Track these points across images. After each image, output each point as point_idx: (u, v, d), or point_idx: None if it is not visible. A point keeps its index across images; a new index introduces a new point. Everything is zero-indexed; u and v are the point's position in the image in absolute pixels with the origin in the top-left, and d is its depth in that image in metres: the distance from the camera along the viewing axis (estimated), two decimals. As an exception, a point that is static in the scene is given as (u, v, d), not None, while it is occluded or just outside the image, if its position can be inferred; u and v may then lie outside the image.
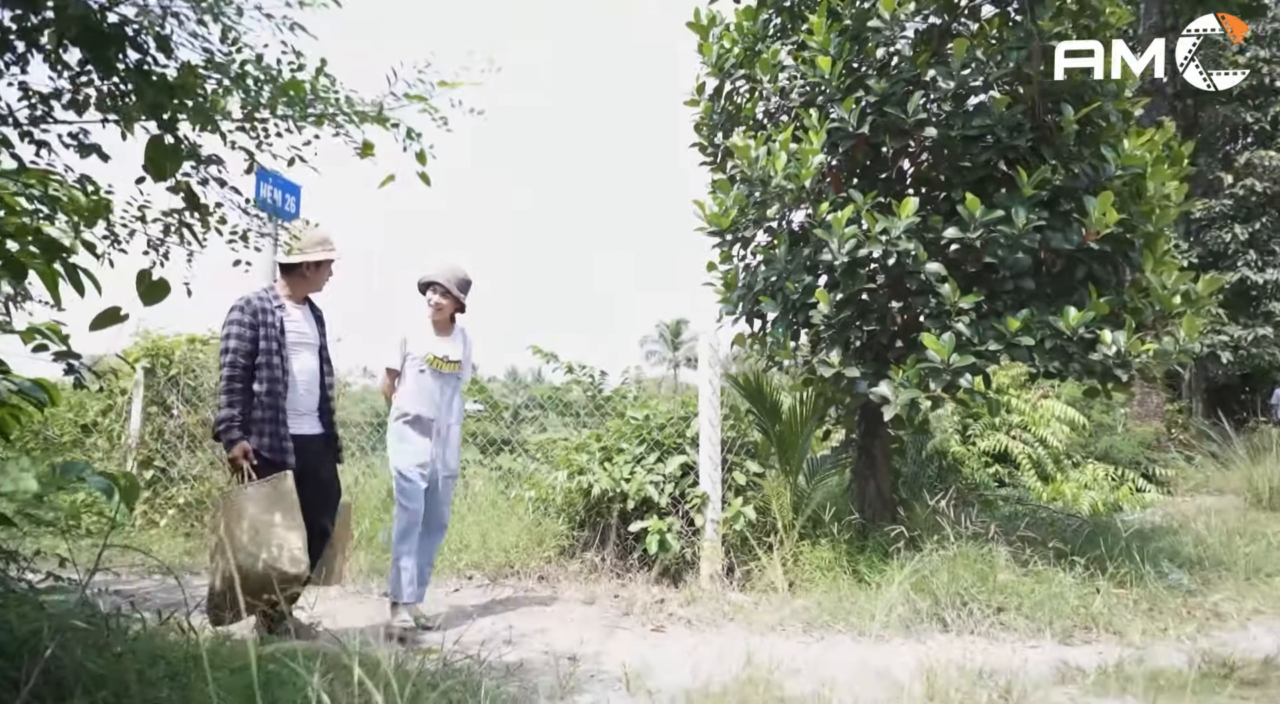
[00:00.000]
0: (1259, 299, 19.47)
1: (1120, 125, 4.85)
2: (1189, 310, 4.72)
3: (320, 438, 3.86)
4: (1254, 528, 6.59)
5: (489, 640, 3.65)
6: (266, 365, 3.56)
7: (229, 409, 3.52)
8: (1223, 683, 3.16)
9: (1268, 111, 20.08)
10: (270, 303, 3.72)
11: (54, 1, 1.89)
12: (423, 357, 4.28)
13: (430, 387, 4.28)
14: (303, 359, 3.77)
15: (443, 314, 4.36)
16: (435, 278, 4.30)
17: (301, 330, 3.81)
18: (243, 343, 3.55)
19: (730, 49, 5.47)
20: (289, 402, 3.64)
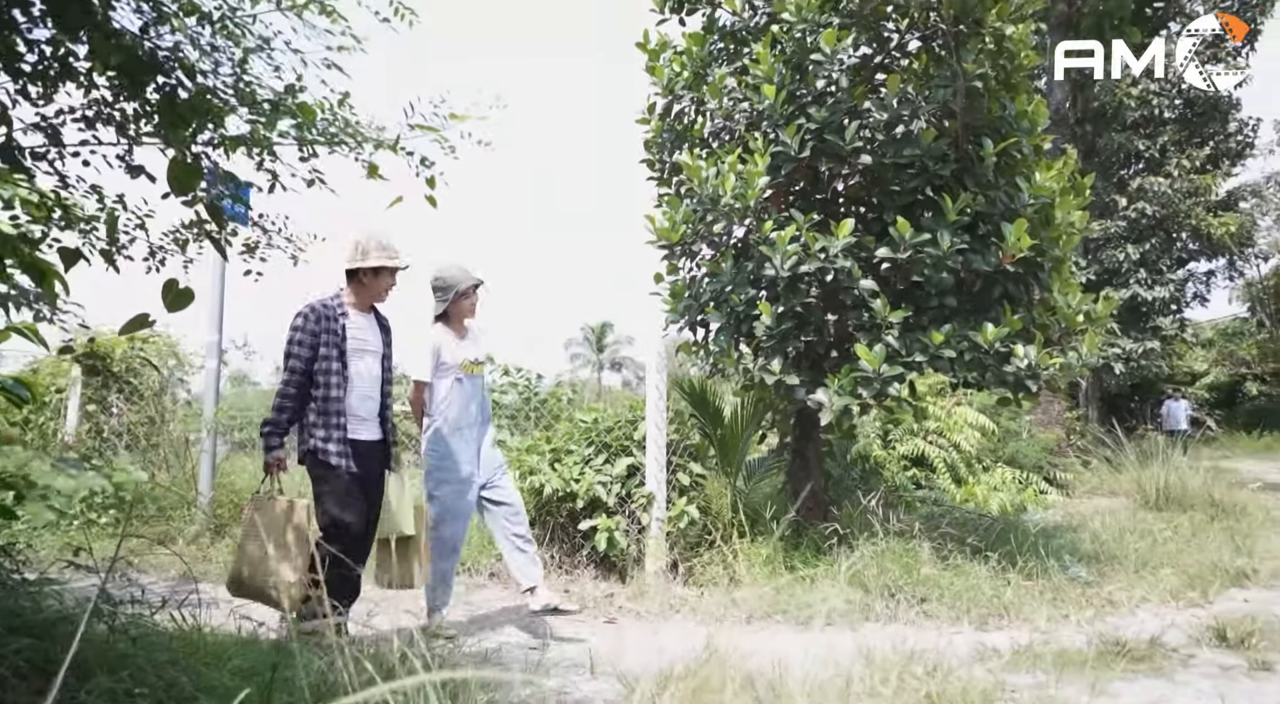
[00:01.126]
0: (1148, 315, 20.92)
1: (1032, 158, 5.33)
2: (1090, 327, 5.23)
3: (380, 444, 3.86)
4: (1142, 526, 7.23)
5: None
6: (327, 371, 3.58)
7: (276, 414, 3.56)
8: (1116, 659, 3.58)
9: (1157, 140, 21.59)
10: (335, 310, 3.71)
11: (97, 30, 2.01)
12: (459, 365, 4.25)
13: (467, 393, 4.26)
14: (364, 366, 3.76)
15: (475, 314, 4.39)
16: (474, 280, 4.30)
17: (364, 337, 3.79)
18: (303, 350, 3.57)
19: (680, 72, 5.76)
20: (349, 406, 3.66)
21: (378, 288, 3.81)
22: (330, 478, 3.58)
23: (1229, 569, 5.47)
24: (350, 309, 3.77)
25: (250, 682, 2.46)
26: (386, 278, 3.80)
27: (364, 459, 3.70)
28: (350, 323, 3.72)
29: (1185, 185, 21.04)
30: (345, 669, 2.77)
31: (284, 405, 3.56)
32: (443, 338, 4.28)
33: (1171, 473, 9.04)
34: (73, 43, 2.11)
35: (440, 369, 4.22)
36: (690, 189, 5.31)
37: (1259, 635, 3.85)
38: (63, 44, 2.16)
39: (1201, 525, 7.29)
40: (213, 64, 2.26)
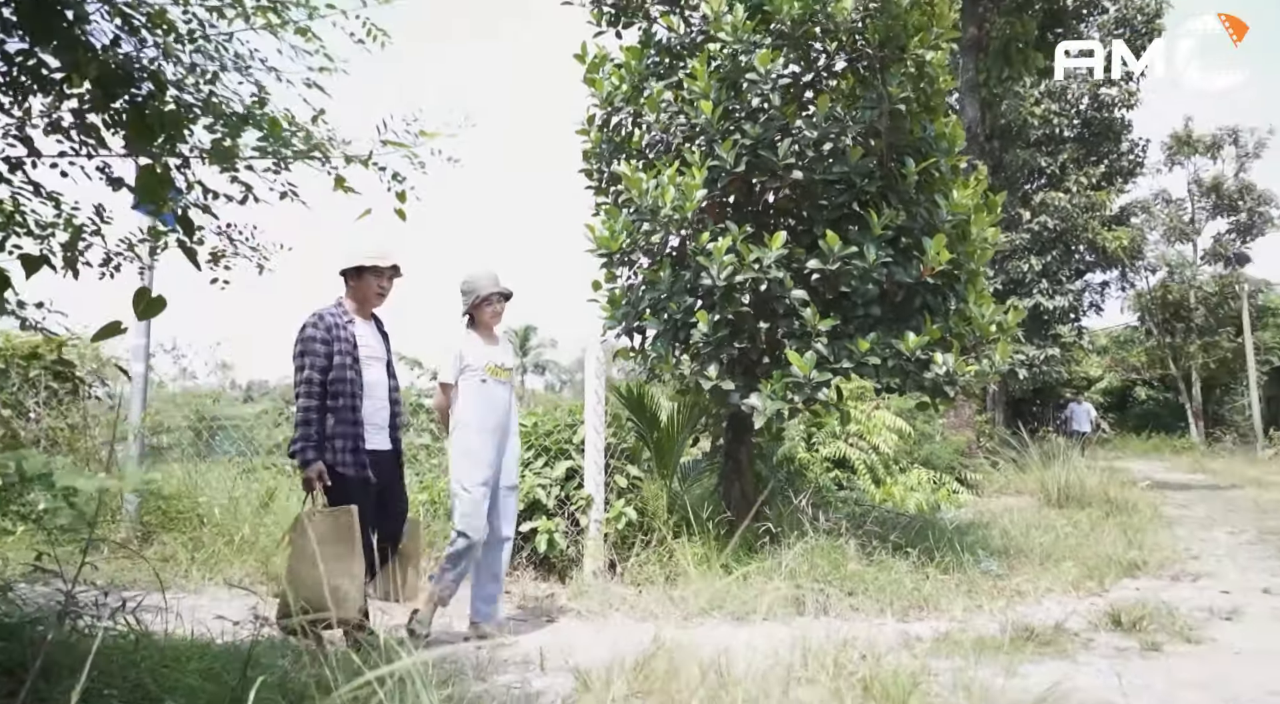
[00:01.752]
0: (1049, 323, 22.08)
1: (950, 177, 5.67)
2: (1001, 336, 5.60)
3: (391, 453, 3.81)
4: (1046, 522, 7.73)
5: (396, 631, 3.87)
6: (341, 380, 3.50)
7: (304, 427, 3.44)
8: (1026, 644, 3.88)
9: (1058, 158, 22.83)
10: (340, 318, 3.64)
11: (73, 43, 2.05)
12: (483, 367, 4.22)
13: (492, 396, 4.23)
14: (373, 374, 3.69)
15: (500, 322, 4.41)
16: (500, 288, 4.30)
17: (370, 345, 3.73)
18: (318, 360, 3.49)
19: (619, 86, 5.91)
20: (365, 416, 3.59)
21: (365, 290, 3.70)
22: (348, 489, 3.49)
23: (1122, 561, 5.92)
24: (354, 316, 3.70)
25: (213, 682, 2.50)
26: (372, 280, 3.69)
27: (378, 468, 3.63)
28: (357, 330, 3.65)
29: (1083, 201, 22.30)
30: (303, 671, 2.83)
31: (309, 418, 3.45)
32: (468, 341, 4.28)
33: (1071, 473, 9.66)
34: (45, 54, 2.13)
35: (464, 372, 4.20)
36: (629, 199, 5.47)
37: (1149, 620, 4.22)
38: (34, 55, 2.18)
39: (1098, 521, 7.83)
40: (183, 77, 2.30)
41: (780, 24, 5.42)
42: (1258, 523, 8.51)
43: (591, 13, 6.59)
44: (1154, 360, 29.65)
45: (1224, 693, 3.16)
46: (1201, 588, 5.29)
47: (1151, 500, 9.94)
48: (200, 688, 2.40)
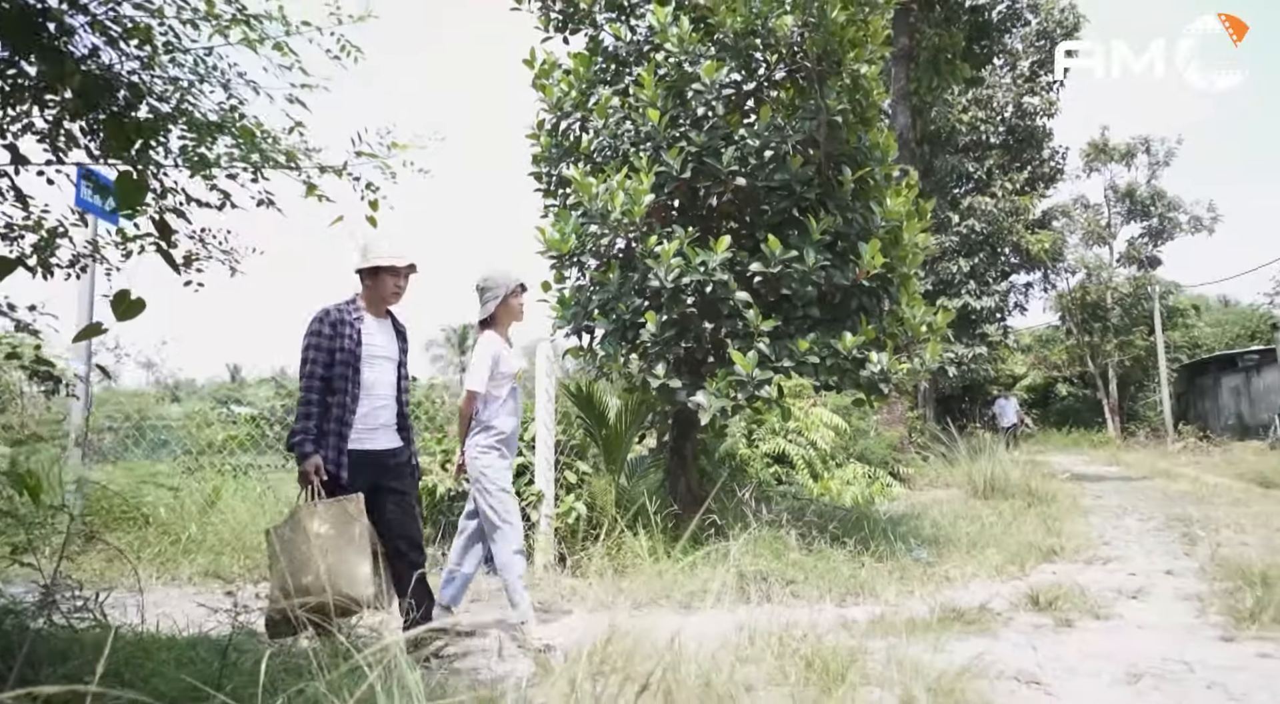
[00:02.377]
0: (977, 322, 22.95)
1: (884, 185, 5.97)
2: (932, 336, 5.92)
3: (396, 452, 3.72)
4: (972, 513, 8.13)
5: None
6: (342, 377, 3.49)
7: (303, 421, 3.43)
8: (953, 623, 4.16)
9: (985, 163, 23.75)
10: (349, 315, 3.60)
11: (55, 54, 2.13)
12: (512, 374, 4.17)
13: (510, 403, 4.19)
14: (379, 372, 3.64)
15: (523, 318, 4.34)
16: (522, 279, 4.25)
17: (378, 343, 3.67)
18: (320, 354, 3.48)
19: (568, 92, 6.06)
20: (362, 416, 3.55)
21: (382, 290, 3.66)
22: (328, 487, 3.44)
23: (1041, 547, 6.31)
24: (365, 314, 3.66)
25: (186, 669, 2.58)
26: (389, 279, 3.64)
27: (375, 468, 3.58)
28: (365, 328, 3.61)
29: (1008, 205, 23.25)
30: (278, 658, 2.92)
31: (310, 411, 3.44)
32: (499, 346, 4.20)
33: (996, 466, 10.13)
34: (27, 64, 2.19)
35: (498, 379, 4.13)
36: (579, 203, 5.62)
37: (1063, 600, 4.55)
38: (15, 64, 2.24)
39: (1020, 511, 8.27)
40: (161, 88, 2.38)
41: (724, 36, 5.65)
42: (1165, 511, 9.08)
43: (539, 18, 6.73)
44: (1074, 358, 30.98)
45: (1126, 662, 3.48)
46: (1112, 571, 5.69)
47: (1070, 491, 10.52)
48: (174, 676, 2.49)
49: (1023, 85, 23.49)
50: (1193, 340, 30.77)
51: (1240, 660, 3.49)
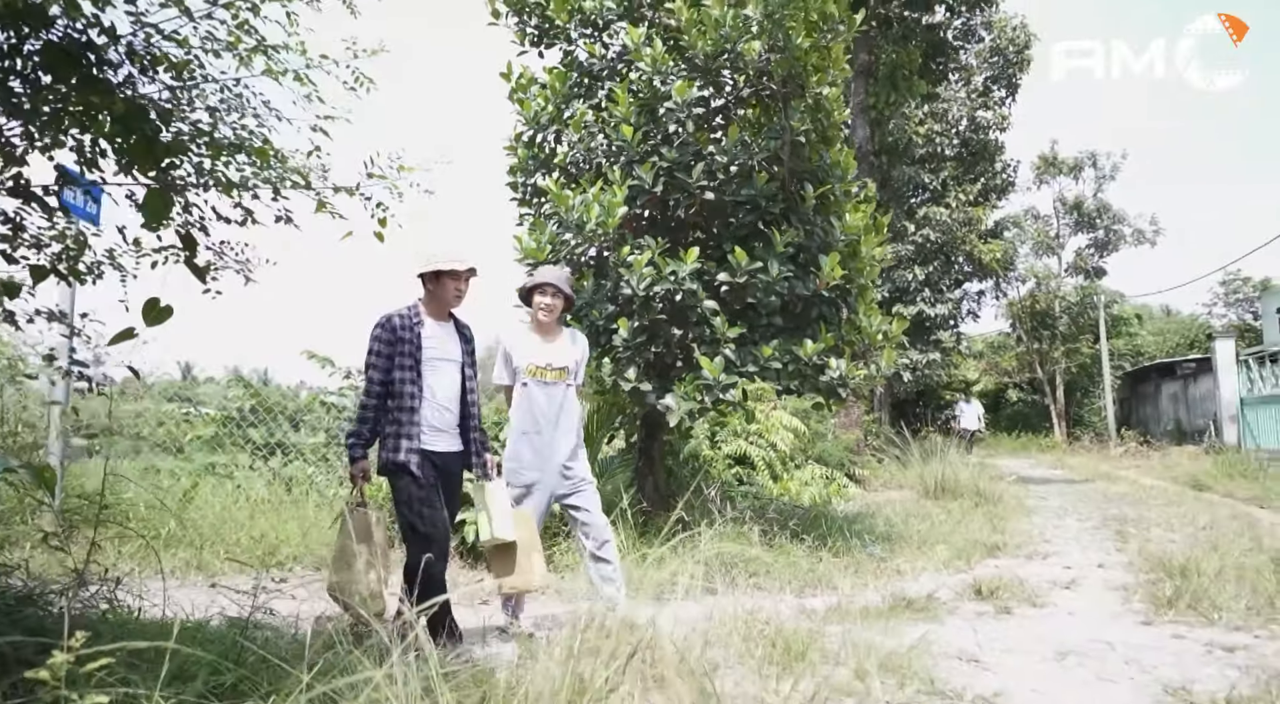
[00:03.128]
0: (931, 329, 23.62)
1: (843, 200, 6.33)
2: (887, 344, 6.29)
3: (458, 455, 3.76)
4: (923, 512, 8.55)
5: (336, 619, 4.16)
6: (402, 381, 3.54)
7: (358, 425, 3.53)
8: (903, 611, 4.50)
9: (940, 174, 24.44)
10: (410, 320, 3.64)
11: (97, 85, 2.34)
12: (524, 367, 4.15)
13: (535, 398, 4.15)
14: (441, 375, 3.66)
15: (554, 317, 4.24)
16: (547, 279, 4.20)
17: (441, 346, 3.69)
18: (379, 360, 3.55)
19: (545, 107, 6.31)
20: (424, 418, 3.58)
21: (444, 294, 3.68)
22: (405, 486, 3.53)
23: (987, 543, 6.72)
24: (426, 318, 3.69)
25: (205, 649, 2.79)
26: (450, 283, 3.65)
27: (440, 470, 3.63)
28: (426, 332, 3.64)
29: (961, 215, 23.97)
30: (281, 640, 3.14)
31: (365, 416, 3.53)
32: (515, 340, 4.24)
33: (946, 468, 10.60)
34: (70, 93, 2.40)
35: (515, 373, 4.17)
36: (556, 213, 5.88)
37: (1003, 590, 4.92)
38: (58, 91, 2.45)
39: (968, 511, 8.71)
40: (187, 116, 2.60)
41: (694, 57, 5.95)
42: (1102, 511, 9.60)
43: (515, 33, 6.97)
44: (1023, 364, 31.95)
45: (1056, 642, 3.84)
46: (1050, 564, 6.09)
47: (1016, 493, 11.03)
48: (191, 655, 2.70)
49: (976, 100, 24.22)
50: (1135, 348, 31.90)
51: (1156, 641, 3.87)
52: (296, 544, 5.75)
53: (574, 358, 4.26)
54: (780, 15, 5.62)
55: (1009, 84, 23.93)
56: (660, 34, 6.22)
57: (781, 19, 5.64)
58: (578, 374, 4.31)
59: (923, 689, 3.13)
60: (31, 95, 2.40)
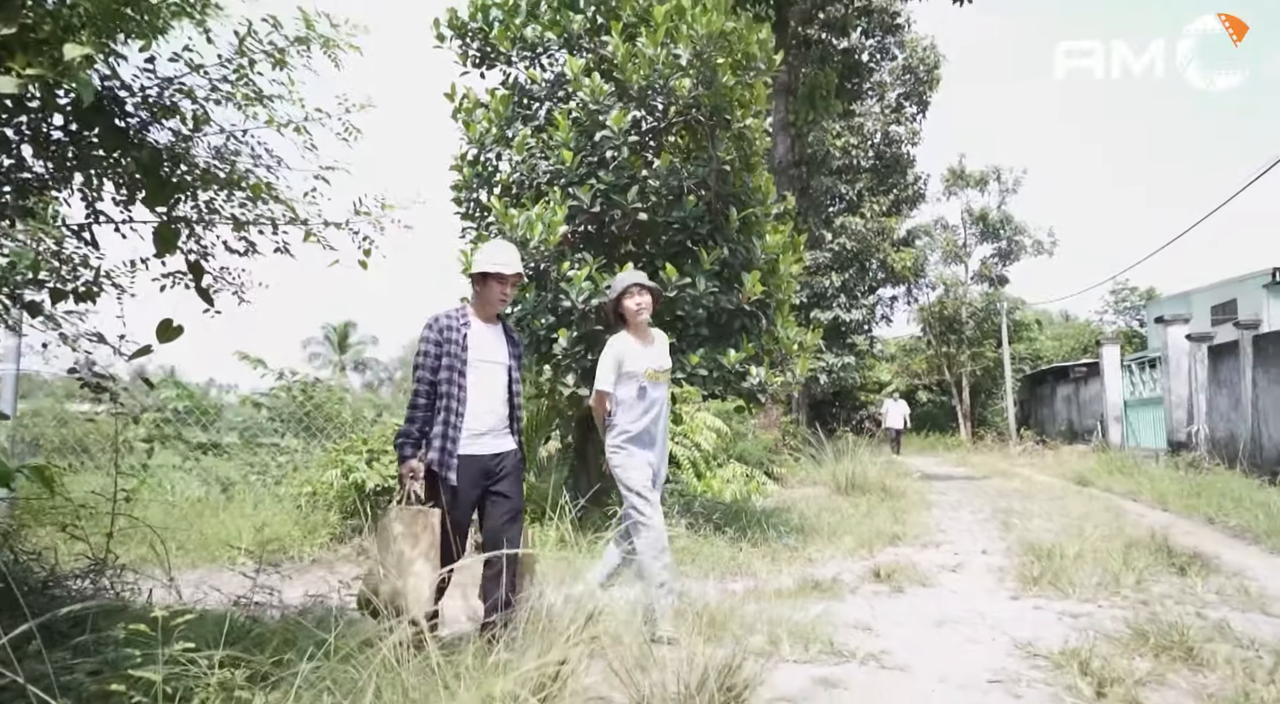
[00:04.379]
0: (846, 333, 24.72)
1: (764, 222, 6.94)
2: (802, 353, 6.93)
3: (503, 456, 3.71)
4: (834, 507, 9.27)
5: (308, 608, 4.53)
6: (448, 381, 3.56)
7: (406, 424, 3.55)
8: (811, 592, 5.11)
9: (855, 186, 25.59)
10: (457, 321, 3.67)
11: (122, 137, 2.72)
12: (642, 372, 4.19)
13: (650, 399, 4.21)
14: (485, 377, 3.67)
15: (648, 316, 4.28)
16: (639, 280, 4.23)
17: (487, 348, 3.70)
18: (427, 360, 3.59)
19: (489, 129, 6.74)
20: (469, 420, 3.58)
21: (489, 295, 3.71)
22: (438, 489, 3.53)
23: (888, 534, 7.44)
24: (473, 319, 3.72)
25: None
26: (495, 285, 3.69)
27: (482, 473, 3.61)
28: (472, 333, 3.67)
29: (875, 225, 25.16)
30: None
31: (414, 416, 3.55)
32: (623, 345, 4.27)
33: (857, 466, 11.39)
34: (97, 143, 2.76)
35: (622, 377, 4.21)
36: (501, 229, 6.31)
37: (899, 573, 5.59)
38: (84, 138, 2.81)
39: (875, 505, 9.47)
40: (199, 156, 2.98)
41: (629, 88, 6.46)
42: (994, 505, 10.52)
43: (458, 55, 7.37)
44: (933, 367, 33.50)
45: (938, 614, 4.49)
46: (942, 552, 6.83)
47: (919, 489, 11.93)
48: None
49: (890, 115, 25.45)
50: (1035, 352, 33.86)
51: (1020, 612, 4.57)
52: (249, 539, 6.03)
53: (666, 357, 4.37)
54: (708, 55, 6.19)
55: (920, 101, 25.26)
56: (596, 63, 6.71)
57: (709, 58, 6.21)
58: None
59: (823, 651, 3.72)
60: (66, 144, 2.76)
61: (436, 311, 3.70)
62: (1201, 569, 5.46)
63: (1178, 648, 3.50)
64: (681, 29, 6.19)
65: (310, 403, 10.79)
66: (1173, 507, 10.09)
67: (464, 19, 7.18)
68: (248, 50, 2.99)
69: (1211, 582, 5.18)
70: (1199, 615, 4.26)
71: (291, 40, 3.10)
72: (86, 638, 2.65)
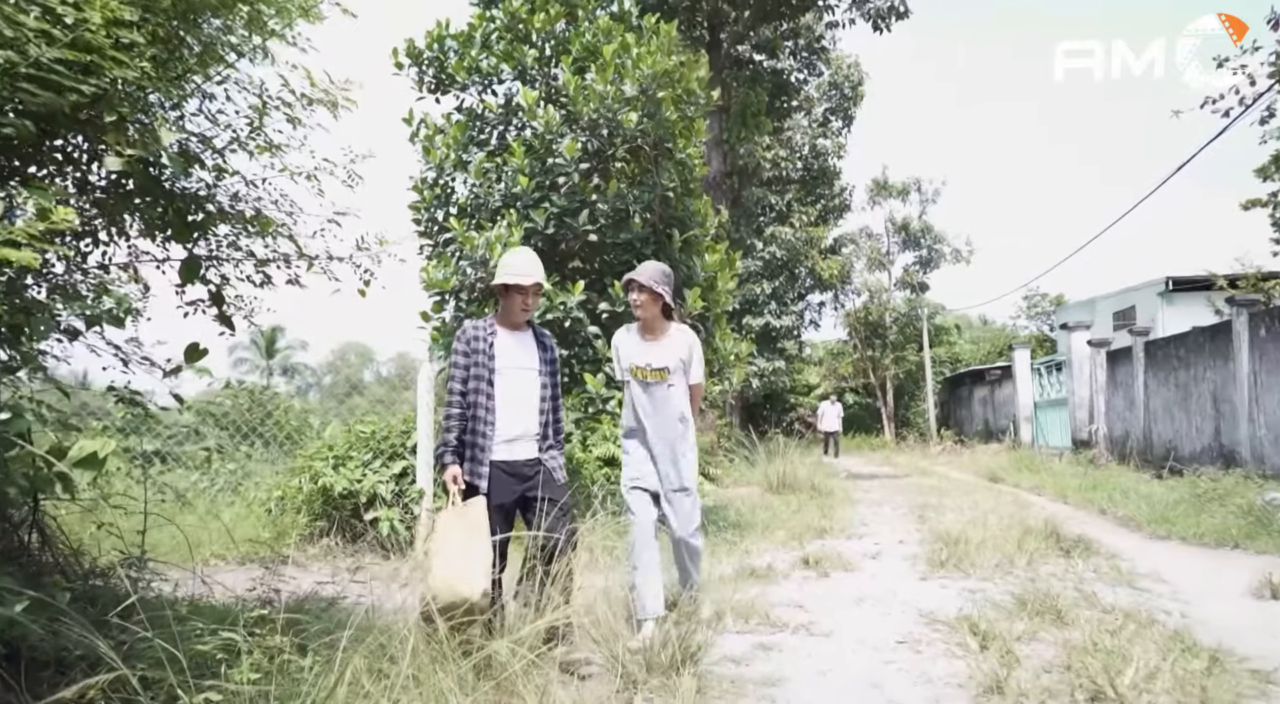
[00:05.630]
0: (777, 338, 25.67)
1: (703, 242, 7.55)
2: (739, 363, 7.56)
3: (536, 462, 3.72)
4: (767, 504, 9.95)
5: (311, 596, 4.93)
6: (475, 391, 3.62)
7: (444, 434, 3.61)
8: (750, 578, 5.71)
9: (785, 196, 26.60)
10: (484, 331, 3.72)
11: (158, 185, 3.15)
12: (626, 367, 4.18)
13: (639, 398, 4.17)
14: (514, 384, 3.69)
15: (648, 313, 4.14)
16: (633, 276, 4.13)
17: (514, 356, 3.73)
18: (457, 370, 3.66)
19: (448, 154, 7.19)
20: (500, 427, 3.63)
21: (511, 304, 3.77)
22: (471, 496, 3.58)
23: (816, 528, 8.13)
24: (500, 328, 3.77)
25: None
26: (516, 296, 3.74)
27: (517, 479, 3.65)
28: (499, 342, 3.72)
29: (804, 234, 26.22)
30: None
31: (450, 425, 3.61)
32: (621, 340, 4.28)
33: (788, 466, 12.13)
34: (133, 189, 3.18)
35: (623, 372, 4.24)
36: (461, 250, 6.78)
37: (826, 561, 6.25)
38: (122, 188, 3.22)
39: (804, 502, 10.18)
40: (221, 199, 3.41)
41: (580, 120, 7.01)
42: (913, 501, 11.36)
43: (414, 81, 7.80)
44: (859, 370, 34.84)
45: (858, 593, 5.15)
46: (864, 542, 7.54)
47: (845, 488, 12.74)
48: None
49: (817, 129, 26.53)
50: (955, 356, 35.54)
51: (927, 590, 5.26)
52: (218, 543, 6.36)
53: (682, 357, 4.21)
54: (652, 91, 6.78)
55: (845, 116, 26.41)
56: (548, 94, 7.24)
57: (653, 94, 6.79)
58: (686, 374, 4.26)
59: (761, 623, 4.33)
60: (109, 191, 3.18)
61: (467, 322, 3.79)
62: (1084, 552, 6.27)
63: (1050, 612, 4.21)
64: (628, 65, 6.76)
65: (260, 411, 11.02)
66: (1072, 499, 11.10)
67: (420, 48, 7.62)
68: (266, 102, 3.44)
69: (1091, 562, 5.97)
70: (1076, 589, 5.00)
71: (299, 96, 3.56)
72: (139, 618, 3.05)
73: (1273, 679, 3.31)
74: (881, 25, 15.67)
